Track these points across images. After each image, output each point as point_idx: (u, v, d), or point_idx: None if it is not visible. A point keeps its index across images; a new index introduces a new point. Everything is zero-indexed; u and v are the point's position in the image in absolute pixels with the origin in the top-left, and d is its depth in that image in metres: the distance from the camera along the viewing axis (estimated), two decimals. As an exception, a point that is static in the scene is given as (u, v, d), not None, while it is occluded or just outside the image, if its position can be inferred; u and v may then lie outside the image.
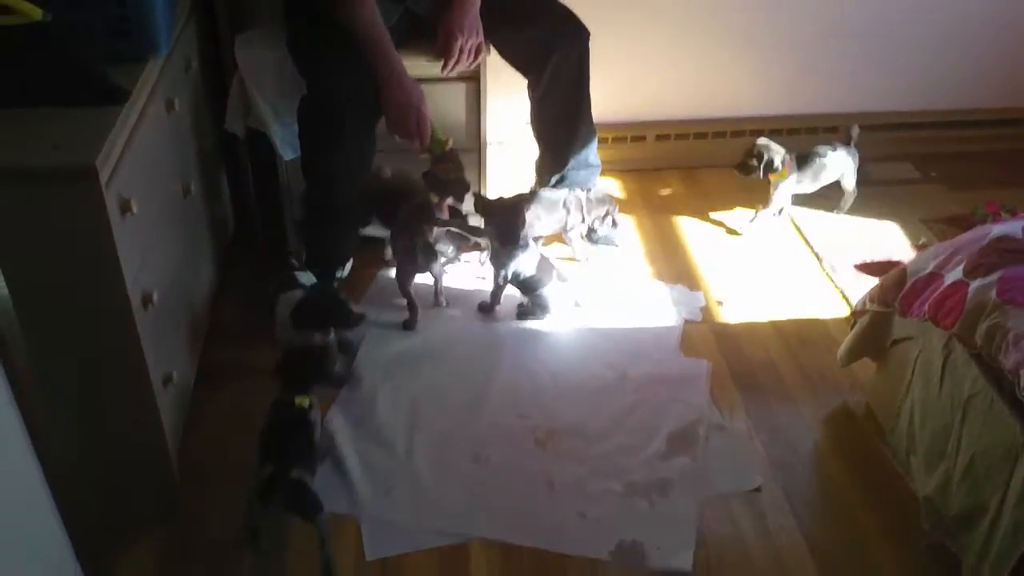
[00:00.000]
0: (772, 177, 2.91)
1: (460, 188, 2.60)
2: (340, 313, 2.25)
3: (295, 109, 2.37)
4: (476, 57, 2.51)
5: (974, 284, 1.83)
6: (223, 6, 2.57)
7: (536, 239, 2.74)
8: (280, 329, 2.25)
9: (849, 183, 3.02)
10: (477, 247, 2.77)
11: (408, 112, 2.35)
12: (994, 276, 1.81)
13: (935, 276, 1.97)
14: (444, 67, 2.48)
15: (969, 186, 3.23)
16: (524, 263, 2.49)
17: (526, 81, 2.69)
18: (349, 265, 2.60)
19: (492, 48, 2.58)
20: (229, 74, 2.53)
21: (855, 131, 3.01)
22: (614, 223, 2.84)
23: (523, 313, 2.58)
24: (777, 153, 2.89)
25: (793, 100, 3.31)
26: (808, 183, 2.96)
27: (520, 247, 2.47)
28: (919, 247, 2.89)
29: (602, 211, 2.77)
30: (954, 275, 1.91)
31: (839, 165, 2.98)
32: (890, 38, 3.22)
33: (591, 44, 2.62)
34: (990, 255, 1.86)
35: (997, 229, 1.93)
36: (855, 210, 3.06)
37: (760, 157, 2.90)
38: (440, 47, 2.48)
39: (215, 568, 1.91)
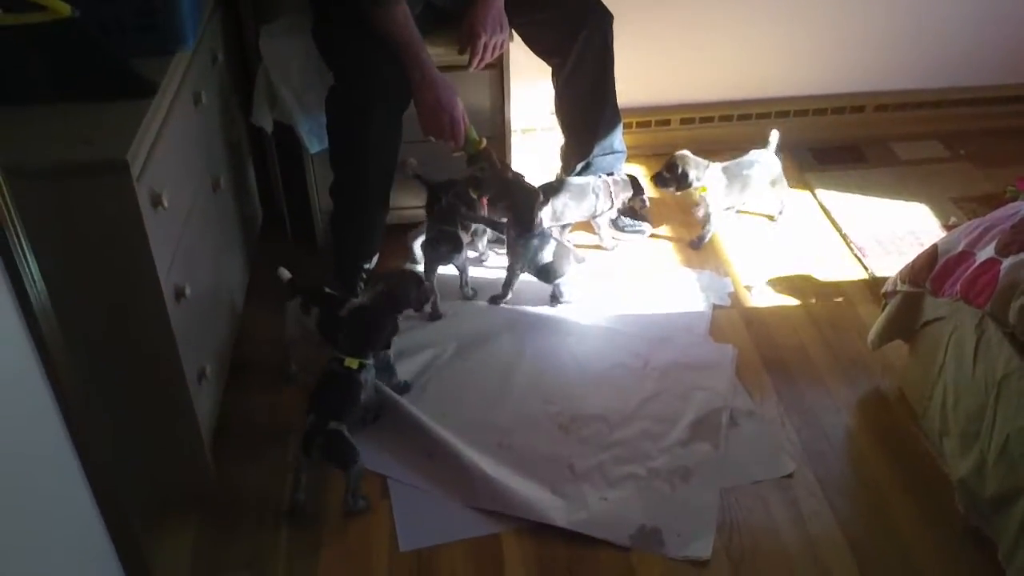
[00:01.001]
0: (699, 192, 2.78)
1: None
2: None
3: (321, 101, 2.38)
4: (500, 52, 2.50)
5: (1007, 262, 1.81)
6: (248, -2, 2.58)
7: (564, 226, 2.74)
8: (289, 325, 2.30)
9: (782, 188, 2.89)
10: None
11: (441, 114, 2.35)
12: (1027, 255, 1.78)
13: (966, 255, 1.95)
14: (469, 64, 2.48)
15: (999, 163, 3.18)
16: (541, 252, 2.49)
17: (550, 69, 2.69)
18: (376, 258, 2.61)
19: (514, 34, 2.58)
20: (254, 66, 2.54)
21: (775, 136, 2.85)
22: (645, 209, 2.83)
23: (553, 300, 2.58)
24: (695, 166, 2.74)
25: (818, 80, 3.27)
26: (737, 195, 2.82)
27: (537, 235, 2.47)
28: (948, 226, 2.86)
29: (628, 195, 2.76)
30: (986, 253, 1.89)
31: (767, 171, 2.83)
32: (915, 15, 3.17)
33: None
34: (1023, 233, 1.84)
35: (1030, 207, 1.91)
36: (884, 191, 3.03)
37: (674, 169, 2.76)
38: (464, 43, 2.48)
39: (249, 552, 1.94)
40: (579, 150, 2.79)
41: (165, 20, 1.89)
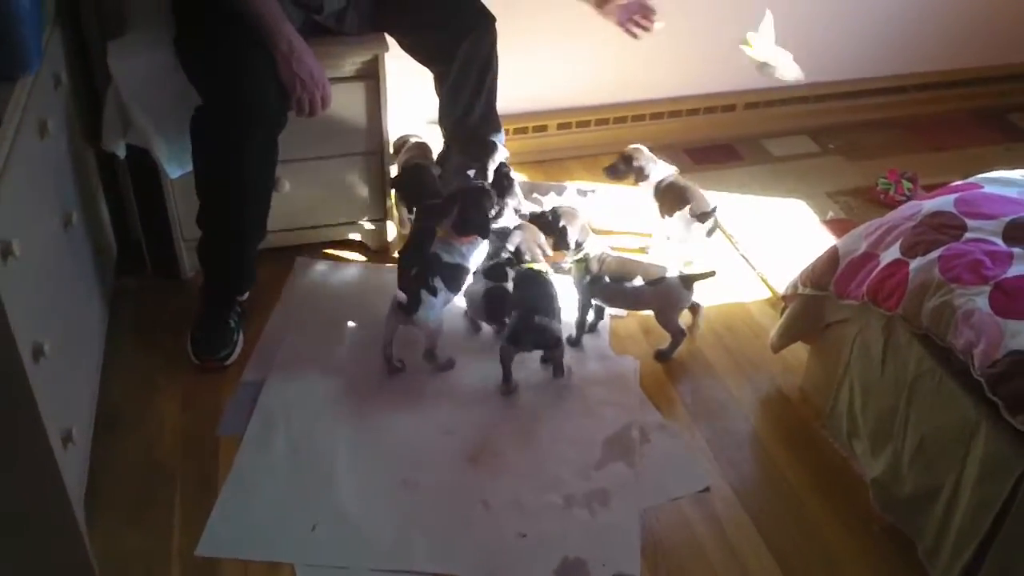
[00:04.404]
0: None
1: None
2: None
3: (181, 121, 2.16)
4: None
5: (915, 263, 1.81)
6: (90, 8, 2.32)
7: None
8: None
9: None
10: None
11: (315, 90, 2.17)
12: (934, 254, 1.79)
13: (870, 256, 1.95)
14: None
15: (867, 156, 3.26)
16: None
17: (430, 75, 2.57)
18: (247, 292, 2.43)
19: (393, 41, 2.44)
20: (102, 86, 2.30)
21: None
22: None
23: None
24: (650, 160, 2.70)
25: (690, 81, 3.27)
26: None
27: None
28: (827, 222, 2.90)
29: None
30: (891, 254, 1.89)
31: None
32: (777, 13, 3.19)
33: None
34: (926, 232, 1.85)
35: (929, 205, 1.92)
36: (762, 188, 3.06)
37: (630, 161, 2.70)
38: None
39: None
40: (462, 158, 2.67)
41: (4, 42, 1.65)
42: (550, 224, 2.38)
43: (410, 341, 2.30)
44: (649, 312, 2.40)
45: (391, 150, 2.61)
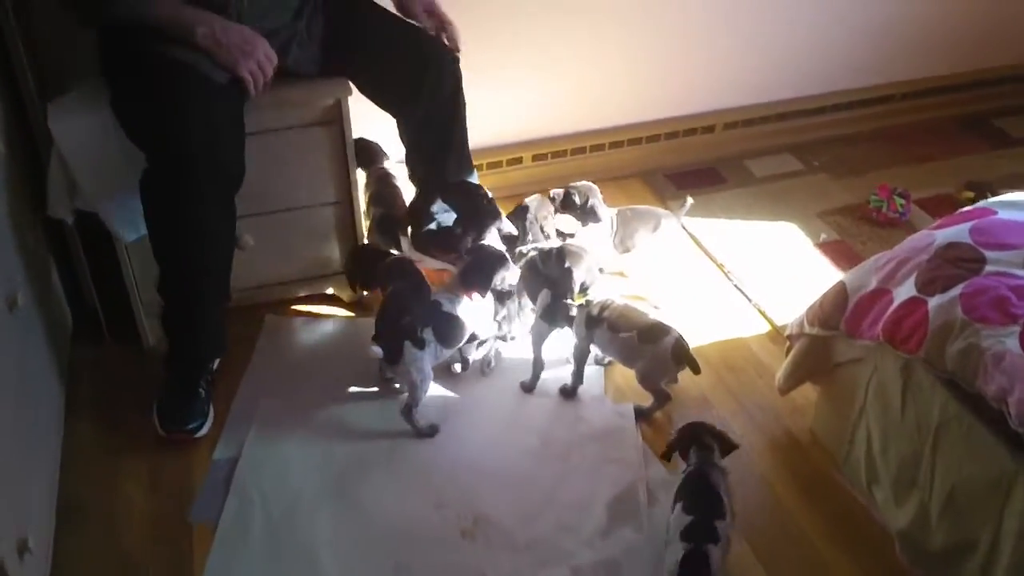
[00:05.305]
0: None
1: None
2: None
3: (132, 182, 1.99)
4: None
5: (933, 301, 1.69)
6: (24, 69, 2.15)
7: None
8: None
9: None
10: None
11: (254, 51, 2.01)
12: (954, 291, 1.66)
13: (882, 292, 1.82)
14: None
15: (853, 171, 3.16)
16: None
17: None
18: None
19: (353, 87, 2.29)
20: (44, 150, 2.12)
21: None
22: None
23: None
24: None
25: (666, 103, 3.14)
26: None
27: None
28: (820, 244, 2.79)
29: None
30: (906, 291, 1.76)
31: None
32: (747, 32, 3.10)
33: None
34: (943, 267, 1.72)
35: (942, 235, 1.79)
36: (748, 212, 2.94)
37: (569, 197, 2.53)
38: None
39: None
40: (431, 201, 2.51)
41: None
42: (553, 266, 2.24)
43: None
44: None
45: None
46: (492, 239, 2.37)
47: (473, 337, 2.27)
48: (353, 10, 2.27)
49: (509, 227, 2.43)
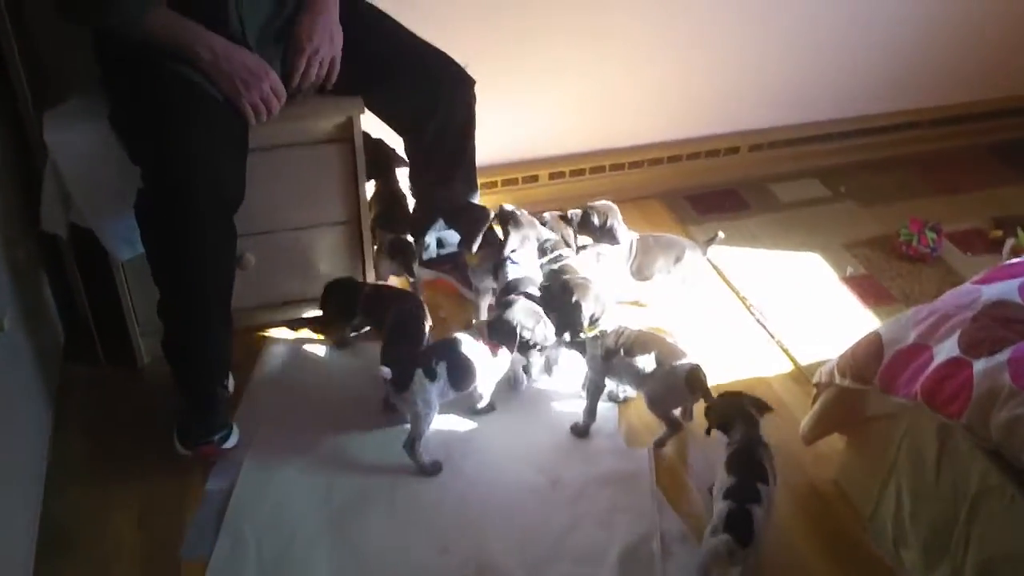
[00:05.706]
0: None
1: None
2: None
3: (128, 198, 1.89)
4: (330, 73, 2.07)
5: (979, 365, 1.57)
6: (20, 76, 2.05)
7: None
8: None
9: None
10: None
11: (259, 83, 1.92)
12: (1003, 356, 1.55)
13: (921, 348, 1.71)
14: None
15: (881, 200, 3.04)
16: None
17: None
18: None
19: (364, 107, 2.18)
20: (39, 162, 2.02)
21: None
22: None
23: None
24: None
25: (688, 123, 3.03)
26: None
27: None
28: (847, 279, 2.67)
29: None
30: (947, 350, 1.65)
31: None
32: (772, 54, 2.98)
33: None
34: (990, 327, 1.61)
35: (988, 292, 1.68)
36: (772, 240, 2.82)
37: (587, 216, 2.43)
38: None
39: None
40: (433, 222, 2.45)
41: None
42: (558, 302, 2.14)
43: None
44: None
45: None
46: (530, 248, 2.29)
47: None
48: (364, 24, 2.17)
49: (548, 234, 2.35)
